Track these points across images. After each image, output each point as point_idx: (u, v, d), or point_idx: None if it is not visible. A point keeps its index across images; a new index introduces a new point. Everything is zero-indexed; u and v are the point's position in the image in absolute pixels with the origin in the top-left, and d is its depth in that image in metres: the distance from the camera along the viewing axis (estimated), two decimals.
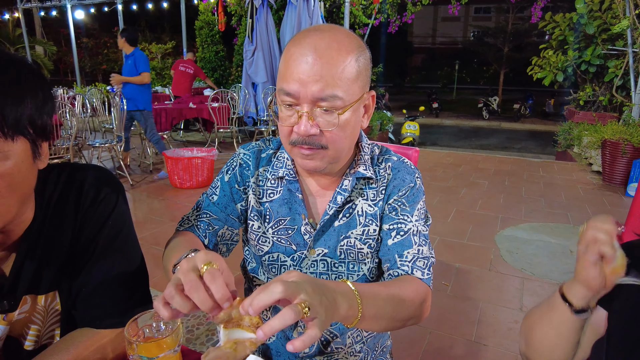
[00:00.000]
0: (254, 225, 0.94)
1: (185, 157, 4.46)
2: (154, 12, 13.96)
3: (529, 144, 10.57)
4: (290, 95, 0.77)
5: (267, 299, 0.52)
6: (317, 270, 0.92)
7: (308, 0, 6.47)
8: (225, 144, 7.13)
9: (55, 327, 0.83)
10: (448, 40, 32.68)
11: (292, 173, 0.91)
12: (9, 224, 0.70)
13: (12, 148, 0.64)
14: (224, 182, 0.95)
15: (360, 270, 0.92)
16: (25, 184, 0.68)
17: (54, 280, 0.79)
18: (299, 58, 0.75)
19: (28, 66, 0.67)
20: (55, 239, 0.78)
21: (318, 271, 0.92)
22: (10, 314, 0.76)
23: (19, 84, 0.64)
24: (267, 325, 0.51)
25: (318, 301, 0.55)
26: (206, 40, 9.77)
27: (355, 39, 0.80)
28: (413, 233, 0.87)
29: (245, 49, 7.10)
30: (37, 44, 15.41)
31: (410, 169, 0.94)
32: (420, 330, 2.22)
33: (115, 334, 0.78)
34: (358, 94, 0.79)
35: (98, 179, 0.82)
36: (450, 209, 4.14)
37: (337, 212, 0.90)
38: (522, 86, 18.26)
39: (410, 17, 8.80)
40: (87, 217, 0.80)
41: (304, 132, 0.77)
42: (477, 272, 2.88)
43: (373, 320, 0.69)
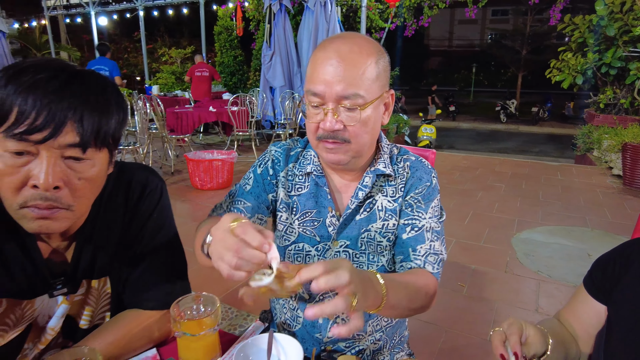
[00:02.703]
0: (282, 217, 1.02)
1: (206, 160, 4.59)
2: (173, 17, 14.29)
3: (547, 147, 10.44)
4: (317, 95, 0.86)
5: (334, 282, 0.58)
6: None
7: (325, 5, 6.57)
8: (244, 147, 7.27)
9: (106, 309, 0.93)
10: (465, 43, 32.43)
11: (319, 169, 0.99)
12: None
13: (99, 156, 0.74)
14: (256, 174, 1.04)
15: (379, 262, 0.99)
16: (100, 187, 0.79)
17: (106, 267, 0.89)
18: (325, 62, 0.84)
19: (117, 89, 0.78)
20: (107, 230, 0.88)
21: None
22: (71, 296, 0.86)
23: (110, 104, 0.74)
24: (318, 307, 0.58)
25: (360, 289, 0.61)
26: (225, 45, 9.96)
27: (375, 44, 0.89)
28: (426, 229, 0.94)
29: (263, 54, 7.23)
30: (62, 49, 15.89)
31: (427, 168, 1.01)
32: (436, 329, 2.26)
33: (160, 315, 0.87)
34: (378, 92, 0.88)
35: (144, 177, 0.92)
36: (466, 212, 4.16)
37: (358, 207, 0.97)
38: (540, 89, 18.00)
39: (426, 21, 8.82)
40: (135, 211, 0.89)
41: (329, 128, 0.85)
42: (493, 273, 2.90)
43: (392, 309, 0.76)
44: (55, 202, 0.70)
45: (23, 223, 0.73)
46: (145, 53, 11.88)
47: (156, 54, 18.06)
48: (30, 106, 0.66)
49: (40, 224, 0.72)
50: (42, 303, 0.85)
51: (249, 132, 6.43)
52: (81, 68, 0.75)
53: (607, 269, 0.81)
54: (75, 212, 0.75)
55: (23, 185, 0.69)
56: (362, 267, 0.99)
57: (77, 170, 0.72)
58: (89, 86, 0.72)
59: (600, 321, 0.81)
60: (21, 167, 0.68)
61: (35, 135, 0.66)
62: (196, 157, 4.66)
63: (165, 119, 5.74)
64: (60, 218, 0.73)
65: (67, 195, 0.72)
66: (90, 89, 0.72)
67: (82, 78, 0.72)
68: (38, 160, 0.68)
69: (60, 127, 0.67)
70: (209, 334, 0.78)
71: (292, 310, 1.05)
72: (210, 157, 4.66)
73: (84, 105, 0.70)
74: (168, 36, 21.87)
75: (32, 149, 0.68)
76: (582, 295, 0.85)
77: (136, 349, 0.84)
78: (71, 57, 16.49)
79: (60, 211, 0.72)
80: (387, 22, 8.64)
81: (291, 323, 1.05)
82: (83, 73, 0.73)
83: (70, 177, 0.71)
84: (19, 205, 0.70)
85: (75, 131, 0.69)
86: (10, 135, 0.66)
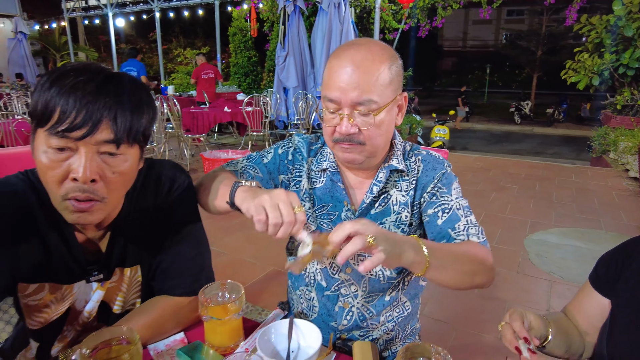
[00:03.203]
0: (306, 206, 1.07)
1: (222, 159, 4.67)
2: (188, 18, 14.50)
3: (562, 149, 10.33)
4: (333, 101, 0.91)
5: (341, 233, 0.69)
6: None
7: (339, 7, 6.62)
8: (258, 147, 7.36)
9: (137, 295, 0.99)
10: (479, 43, 32.13)
11: (334, 166, 1.04)
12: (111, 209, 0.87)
13: (131, 152, 0.81)
14: (277, 153, 1.10)
15: None
16: (132, 180, 0.86)
17: (137, 256, 0.96)
18: (340, 69, 0.89)
19: (147, 89, 0.84)
20: (139, 222, 0.94)
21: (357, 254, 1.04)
22: (105, 282, 0.93)
23: (141, 104, 0.81)
24: (343, 251, 0.68)
25: (383, 237, 0.70)
26: (239, 46, 10.09)
27: (388, 50, 0.93)
28: (457, 208, 0.97)
29: (277, 55, 7.31)
30: (80, 50, 16.23)
31: (439, 159, 1.05)
32: (448, 327, 2.30)
33: (187, 301, 0.93)
34: (391, 96, 0.92)
35: (172, 173, 0.98)
36: (479, 213, 4.17)
37: (373, 201, 1.02)
38: (556, 90, 17.76)
39: (440, 22, 8.80)
40: (164, 205, 0.96)
41: (345, 132, 0.91)
42: (505, 274, 2.92)
43: (441, 270, 0.80)
44: (92, 194, 0.77)
45: (64, 214, 0.80)
46: (161, 54, 12.07)
47: (171, 55, 18.33)
48: (71, 106, 0.73)
49: (79, 215, 0.79)
50: (80, 288, 0.92)
51: (262, 132, 6.51)
52: (115, 71, 0.82)
53: (610, 264, 0.85)
54: (108, 205, 0.81)
55: (64, 179, 0.76)
56: None
57: (111, 165, 0.78)
58: (122, 87, 0.78)
59: (603, 315, 0.85)
60: (63, 161, 0.75)
61: (75, 132, 0.73)
62: (212, 156, 4.76)
63: (181, 118, 5.85)
64: (95, 211, 0.80)
65: (102, 187, 0.78)
66: (123, 90, 0.78)
67: (116, 80, 0.78)
68: (77, 156, 0.75)
69: (96, 125, 0.74)
70: (233, 318, 0.84)
71: (309, 300, 1.10)
72: (225, 157, 4.75)
73: (118, 105, 0.76)
74: (183, 37, 22.17)
75: (72, 145, 0.74)
76: (587, 290, 0.89)
77: (166, 332, 0.90)
78: (89, 57, 16.83)
79: (95, 204, 0.78)
80: (401, 23, 8.64)
81: (308, 312, 1.10)
82: (117, 75, 0.80)
83: (105, 171, 0.78)
84: (62, 197, 0.77)
85: (110, 129, 0.75)
86: (53, 132, 0.73)
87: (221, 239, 3.41)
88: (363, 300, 1.05)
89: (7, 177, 0.87)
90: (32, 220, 0.84)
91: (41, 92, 0.74)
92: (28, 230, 0.84)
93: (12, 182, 0.85)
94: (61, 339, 0.96)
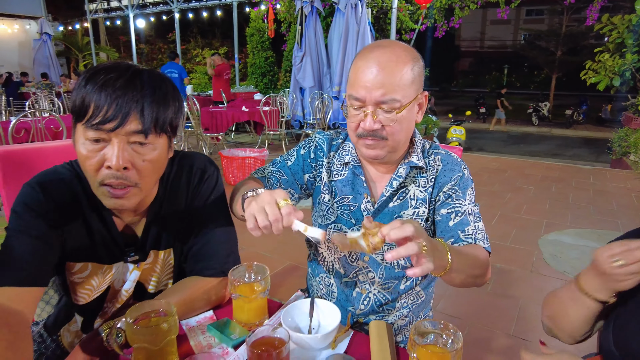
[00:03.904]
0: (325, 198, 1.14)
1: (239, 157, 4.79)
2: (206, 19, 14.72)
3: (581, 151, 10.16)
4: (358, 99, 0.97)
5: (401, 233, 0.72)
6: None
7: (356, 7, 6.67)
8: (274, 146, 7.46)
9: (170, 276, 1.08)
10: (497, 43, 31.75)
11: (356, 160, 1.11)
12: (146, 196, 0.95)
13: (159, 141, 0.88)
14: (299, 154, 1.17)
15: None
16: (162, 168, 0.94)
17: (170, 240, 1.04)
18: (365, 70, 0.96)
19: (171, 83, 0.92)
20: (172, 209, 1.02)
21: None
22: (141, 264, 1.02)
23: (167, 96, 0.88)
24: (395, 251, 0.72)
25: (430, 245, 0.74)
26: (256, 46, 10.21)
27: (411, 51, 0.99)
28: (468, 213, 1.04)
29: (294, 55, 7.41)
30: (101, 50, 16.63)
31: (457, 161, 1.11)
32: (460, 322, 2.34)
33: (217, 281, 1.01)
34: (413, 95, 0.98)
35: (203, 164, 1.06)
36: (494, 213, 4.18)
37: (392, 195, 1.09)
38: (576, 91, 17.45)
39: (457, 22, 8.77)
40: (195, 193, 1.04)
41: (369, 128, 0.97)
42: (519, 272, 2.94)
43: (457, 272, 0.87)
44: (125, 180, 0.85)
45: (103, 199, 0.88)
46: (180, 54, 12.30)
47: (189, 55, 18.63)
48: (103, 101, 0.81)
49: (115, 201, 0.87)
50: (118, 269, 1.01)
51: (279, 131, 6.61)
52: (143, 67, 0.89)
53: None
54: (142, 189, 0.89)
55: (100, 167, 0.84)
56: (393, 247, 1.10)
57: (141, 153, 0.86)
58: (148, 82, 0.86)
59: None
60: (98, 151, 0.83)
61: (107, 124, 0.81)
62: (230, 154, 4.87)
63: (200, 117, 5.99)
64: (130, 196, 0.88)
65: (134, 174, 0.86)
66: (149, 85, 0.85)
67: (143, 76, 0.86)
68: (110, 146, 0.83)
69: (126, 118, 0.82)
70: (259, 297, 0.92)
71: (328, 286, 1.17)
72: (243, 155, 4.86)
73: (144, 98, 0.84)
74: (201, 37, 22.49)
75: (105, 137, 0.82)
76: None
77: (196, 309, 0.98)
78: (109, 57, 17.24)
79: (130, 189, 0.87)
80: (418, 24, 8.64)
81: (327, 298, 1.17)
82: (143, 71, 0.87)
83: (135, 159, 0.85)
84: (99, 183, 0.85)
85: (138, 120, 0.83)
86: (89, 125, 0.81)
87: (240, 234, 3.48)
88: (379, 287, 1.11)
89: (55, 167, 0.96)
90: (78, 205, 0.93)
91: (78, 89, 0.83)
92: (75, 214, 0.92)
93: (60, 172, 0.94)
94: (102, 315, 1.05)
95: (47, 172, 0.93)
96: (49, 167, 0.96)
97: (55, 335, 1.10)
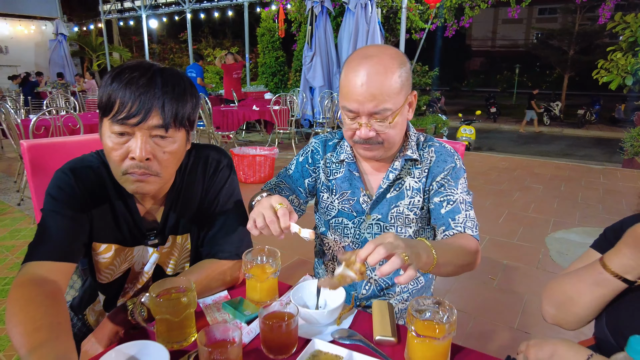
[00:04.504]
0: (324, 196, 1.22)
1: (250, 155, 4.87)
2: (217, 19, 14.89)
3: (593, 151, 10.07)
4: (352, 111, 1.03)
5: (377, 257, 0.75)
6: (372, 232, 1.18)
7: (365, 7, 6.72)
8: (284, 144, 7.55)
9: (187, 260, 1.16)
10: (509, 43, 31.49)
11: (351, 157, 1.18)
12: (165, 184, 1.03)
13: (178, 135, 0.96)
14: (298, 162, 1.26)
15: (406, 233, 1.16)
16: (180, 158, 1.01)
17: (187, 226, 1.12)
18: (356, 83, 1.00)
19: (189, 80, 0.99)
20: (189, 197, 1.10)
21: (373, 232, 1.18)
22: (160, 247, 1.10)
23: (185, 93, 0.95)
24: (379, 271, 0.75)
25: (410, 252, 0.78)
26: (267, 46, 10.32)
27: (397, 56, 1.03)
28: (460, 202, 1.10)
29: (304, 55, 7.48)
30: (114, 50, 16.93)
31: (450, 152, 1.17)
32: (465, 316, 2.39)
33: (231, 264, 1.08)
34: (402, 100, 1.04)
35: (218, 155, 1.14)
36: (501, 211, 4.21)
37: (389, 187, 1.15)
38: (589, 91, 17.26)
39: (467, 21, 8.76)
40: (211, 182, 1.11)
41: (364, 136, 1.03)
42: (525, 269, 2.98)
43: (444, 266, 0.91)
44: (147, 170, 0.93)
45: (126, 185, 0.96)
46: (192, 54, 12.46)
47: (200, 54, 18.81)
48: (127, 98, 0.88)
49: (137, 185, 0.94)
50: (139, 252, 1.09)
51: (289, 130, 6.69)
52: (163, 66, 0.96)
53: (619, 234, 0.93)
54: (162, 178, 0.97)
55: (125, 158, 0.92)
56: None
57: (161, 146, 0.93)
58: (168, 80, 0.93)
59: None
60: (123, 144, 0.91)
61: (132, 119, 0.88)
62: (241, 152, 4.96)
63: (211, 116, 6.10)
64: (151, 182, 0.95)
65: (156, 165, 0.94)
66: (169, 82, 0.92)
67: (163, 74, 0.93)
68: (134, 139, 0.90)
69: (148, 113, 0.89)
70: (271, 278, 0.99)
71: (333, 273, 1.24)
72: (253, 153, 4.95)
73: (165, 95, 0.91)
74: (212, 37, 22.71)
75: (129, 130, 0.90)
76: (587, 259, 0.98)
77: (212, 289, 1.05)
78: (122, 57, 17.54)
79: (150, 176, 0.94)
80: (427, 23, 8.66)
81: None
82: (164, 70, 0.94)
83: (156, 151, 0.93)
84: (122, 172, 0.93)
85: (159, 115, 0.90)
86: (115, 120, 0.89)
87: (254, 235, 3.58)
88: None
89: (84, 155, 1.04)
90: (105, 190, 1.01)
91: (105, 87, 0.90)
92: (102, 198, 1.01)
93: (88, 160, 1.02)
94: (123, 295, 1.13)
95: (77, 159, 1.01)
96: (78, 156, 1.04)
97: (81, 314, 1.19)
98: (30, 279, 0.83)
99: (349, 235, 1.21)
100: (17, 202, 4.37)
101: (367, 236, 1.19)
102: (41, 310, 0.75)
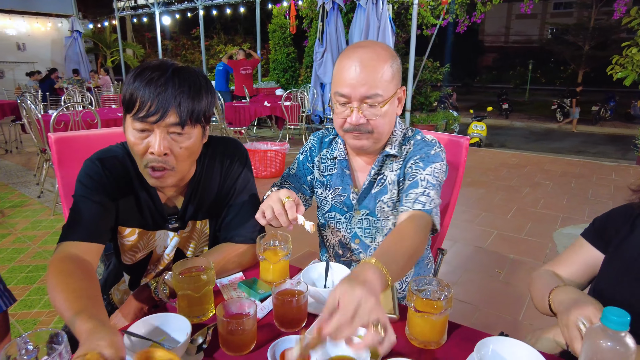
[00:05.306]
0: (318, 192, 1.31)
1: (261, 150, 4.96)
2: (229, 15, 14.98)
3: (607, 148, 9.95)
4: (344, 96, 1.08)
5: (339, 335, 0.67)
6: (362, 226, 1.25)
7: (377, 3, 6.74)
8: (294, 140, 7.63)
9: (205, 244, 1.24)
10: (522, 38, 31.06)
11: (343, 154, 1.24)
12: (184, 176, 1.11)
13: (194, 131, 1.03)
14: (299, 161, 1.34)
15: (387, 225, 1.23)
16: (196, 153, 1.08)
17: (206, 212, 1.20)
18: (350, 69, 1.06)
19: (205, 77, 1.06)
20: (208, 186, 1.18)
21: (363, 227, 1.25)
22: (181, 231, 1.18)
23: (201, 91, 1.02)
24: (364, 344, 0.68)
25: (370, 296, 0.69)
26: (278, 42, 10.39)
27: (389, 50, 1.09)
28: (421, 179, 1.08)
29: (315, 51, 7.53)
30: (128, 47, 17.14)
31: (430, 143, 1.17)
32: (471, 307, 2.45)
33: (246, 247, 1.17)
34: (393, 90, 1.10)
35: (234, 147, 1.21)
36: (510, 207, 4.23)
37: (372, 182, 1.21)
38: (604, 87, 16.97)
39: (479, 17, 8.71)
40: (228, 172, 1.19)
41: (355, 122, 1.08)
42: (531, 263, 3.01)
43: (399, 273, 0.87)
44: (165, 164, 1.00)
45: (147, 178, 1.04)
46: (204, 50, 12.59)
47: (212, 51, 18.98)
48: (147, 97, 0.95)
49: (155, 180, 1.03)
50: (160, 236, 1.17)
51: (299, 126, 6.77)
52: (181, 65, 1.03)
53: (608, 224, 0.99)
54: (178, 172, 1.04)
55: (145, 152, 1.00)
56: (378, 230, 1.22)
57: (178, 142, 1.01)
58: (185, 79, 0.99)
59: (590, 266, 1.00)
60: (144, 139, 0.99)
61: (151, 118, 0.95)
62: (253, 147, 5.05)
63: (224, 112, 6.20)
64: (167, 177, 1.03)
65: (173, 159, 1.01)
66: (185, 81, 0.99)
67: (180, 73, 0.99)
68: (153, 135, 0.98)
69: (166, 112, 0.96)
70: (283, 260, 1.07)
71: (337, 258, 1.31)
72: (265, 148, 5.03)
73: (182, 94, 0.97)
74: (224, 33, 22.83)
75: (149, 127, 0.97)
76: (578, 247, 1.04)
77: (229, 270, 1.14)
78: (135, 53, 17.76)
79: (167, 172, 1.02)
80: (439, 19, 8.64)
81: None
82: (181, 69, 1.01)
83: (173, 147, 1.00)
84: (144, 165, 1.01)
85: (176, 114, 0.97)
86: (136, 118, 0.96)
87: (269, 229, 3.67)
88: None
89: (110, 146, 1.13)
90: (129, 178, 1.09)
91: (128, 85, 0.97)
92: (127, 185, 1.09)
93: (114, 150, 1.11)
94: (146, 275, 1.22)
95: (104, 150, 1.10)
96: (102, 148, 1.12)
97: (106, 294, 1.28)
98: (67, 256, 0.92)
99: (341, 230, 1.28)
100: (37, 195, 4.52)
101: (357, 231, 1.25)
102: (80, 284, 0.84)
